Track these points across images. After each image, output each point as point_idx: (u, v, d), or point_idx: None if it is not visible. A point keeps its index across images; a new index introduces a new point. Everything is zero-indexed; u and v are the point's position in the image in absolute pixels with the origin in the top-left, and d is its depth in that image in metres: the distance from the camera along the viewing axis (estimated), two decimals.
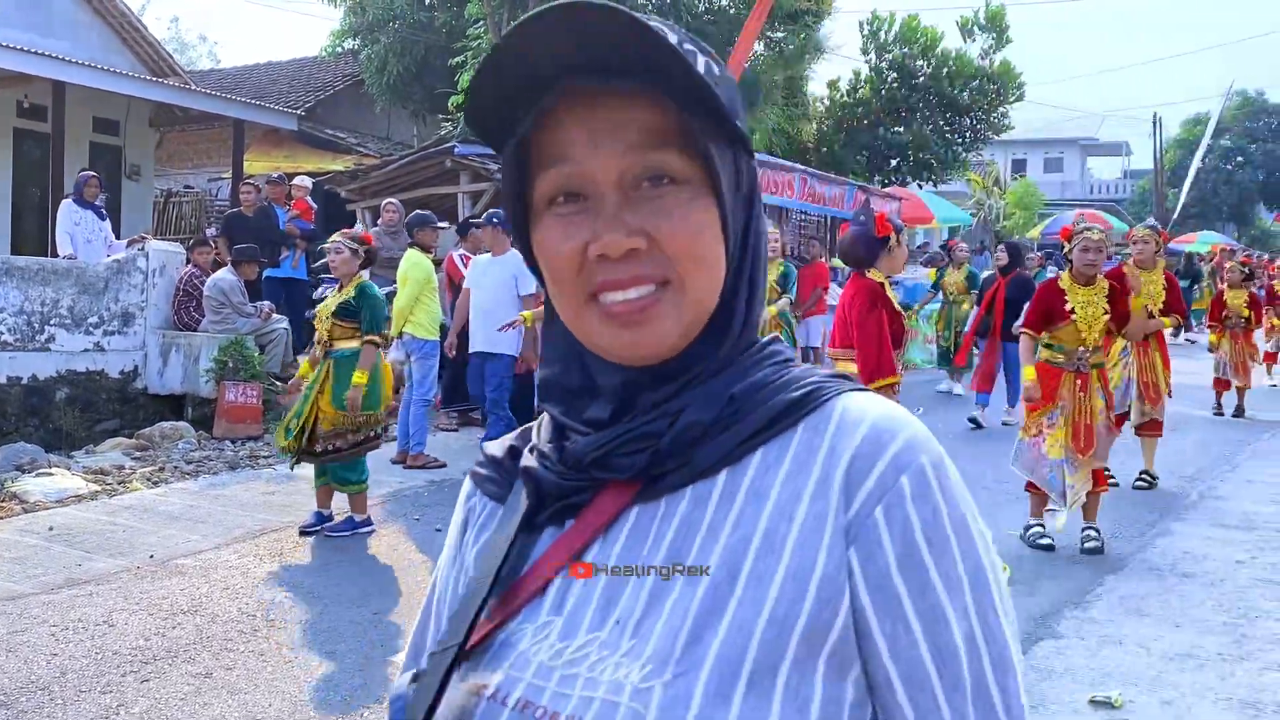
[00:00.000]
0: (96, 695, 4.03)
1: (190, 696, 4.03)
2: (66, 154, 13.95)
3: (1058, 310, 6.01)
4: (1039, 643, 4.68)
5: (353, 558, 6.00)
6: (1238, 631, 4.85)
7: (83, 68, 13.46)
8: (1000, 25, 22.35)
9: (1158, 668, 4.41)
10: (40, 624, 4.77)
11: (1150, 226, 8.20)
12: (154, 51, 17.98)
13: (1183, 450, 9.15)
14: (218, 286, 9.98)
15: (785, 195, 13.70)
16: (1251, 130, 46.91)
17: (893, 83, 22.30)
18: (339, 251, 6.34)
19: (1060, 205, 40.45)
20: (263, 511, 6.90)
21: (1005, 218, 33.69)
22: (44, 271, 9.35)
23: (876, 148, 22.08)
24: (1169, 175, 41.53)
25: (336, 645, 4.59)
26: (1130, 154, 59.01)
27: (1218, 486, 7.99)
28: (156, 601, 5.11)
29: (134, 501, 7.16)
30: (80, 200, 11.00)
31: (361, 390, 6.17)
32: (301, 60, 24.09)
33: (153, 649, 4.50)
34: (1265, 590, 5.47)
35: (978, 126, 22.65)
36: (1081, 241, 6.03)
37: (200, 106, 15.41)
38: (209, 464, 8.28)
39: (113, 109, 16.21)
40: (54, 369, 9.26)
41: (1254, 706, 4.03)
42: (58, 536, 6.21)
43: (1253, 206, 48.29)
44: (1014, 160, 48.58)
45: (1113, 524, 6.72)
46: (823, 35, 21.75)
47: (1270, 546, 6.30)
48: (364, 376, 6.19)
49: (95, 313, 9.64)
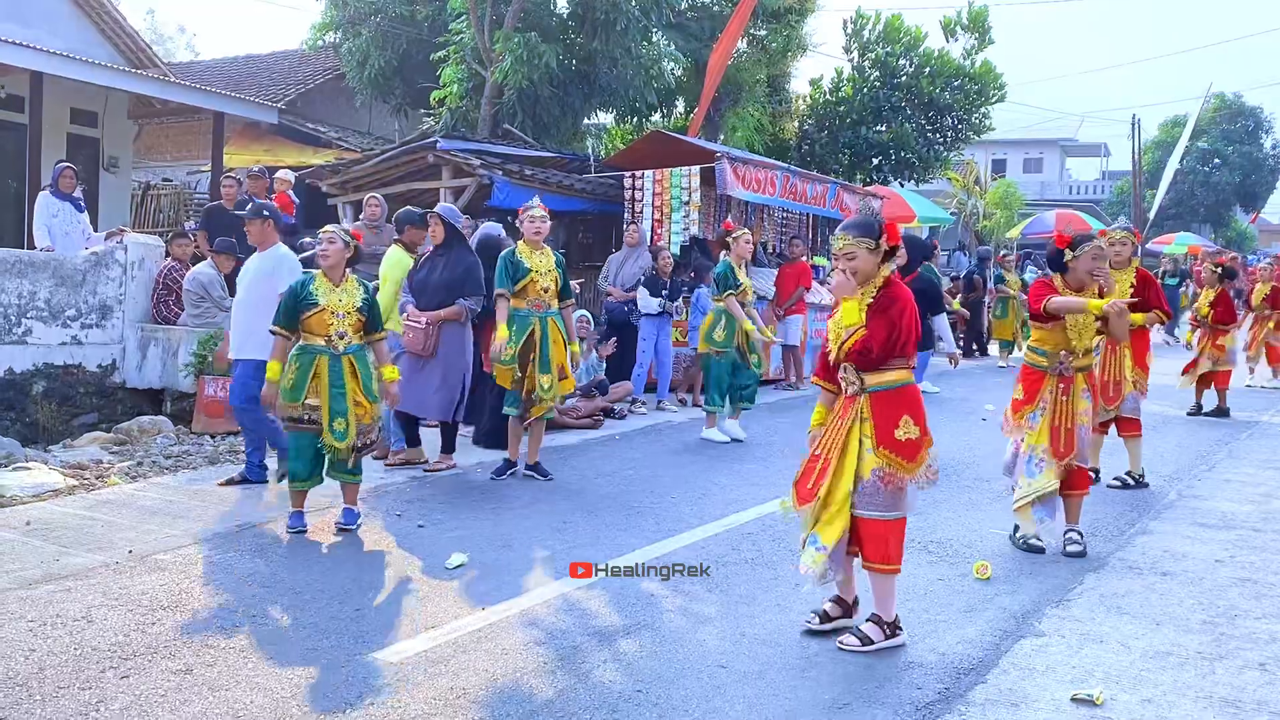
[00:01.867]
0: (76, 691, 3.99)
1: (171, 693, 4.00)
2: (44, 145, 13.83)
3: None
4: (1020, 640, 4.70)
5: (334, 554, 5.97)
6: (1217, 630, 4.88)
7: (60, 58, 13.34)
8: (983, 26, 22.44)
9: (1139, 666, 4.43)
10: (17, 619, 4.72)
11: (1126, 228, 8.25)
12: (133, 42, 17.86)
13: (1161, 450, 9.22)
14: (197, 280, 9.91)
15: (767, 193, 13.69)
16: (1229, 132, 47.27)
17: (875, 82, 22.36)
18: (332, 241, 6.27)
19: (1039, 205, 40.66)
20: (243, 507, 6.85)
21: (985, 217, 33.85)
22: (21, 264, 9.25)
23: (858, 146, 22.13)
24: (1147, 176, 41.83)
25: (319, 641, 4.57)
26: (1109, 155, 59.43)
27: (1196, 486, 8.05)
28: (136, 597, 5.06)
29: (112, 496, 7.10)
30: (58, 192, 10.90)
31: (397, 383, 6.56)
32: (282, 53, 23.98)
33: (132, 645, 4.46)
34: (1244, 589, 5.51)
35: (959, 126, 22.75)
36: (1092, 249, 6.02)
37: (180, 98, 15.31)
38: (188, 459, 8.22)
39: (91, 100, 16.09)
40: (31, 362, 9.17)
41: (1234, 705, 4.06)
42: (35, 531, 6.15)
43: (1229, 208, 48.68)
44: (994, 160, 48.82)
45: (1092, 523, 6.75)
46: (806, 33, 21.84)
47: (1248, 546, 6.35)
48: (396, 372, 6.59)
49: (73, 306, 9.55)
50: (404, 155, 13.79)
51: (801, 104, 23.45)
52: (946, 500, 7.35)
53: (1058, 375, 6.07)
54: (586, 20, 16.45)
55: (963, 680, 4.26)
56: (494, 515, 6.77)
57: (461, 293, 7.75)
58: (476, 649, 4.52)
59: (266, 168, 13.40)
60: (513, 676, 4.24)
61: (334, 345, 6.17)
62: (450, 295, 7.73)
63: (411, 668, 4.31)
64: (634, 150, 14.88)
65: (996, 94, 22.66)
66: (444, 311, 7.69)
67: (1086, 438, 6.16)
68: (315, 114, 20.62)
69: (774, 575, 5.60)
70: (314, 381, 6.14)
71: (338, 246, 6.26)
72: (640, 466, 8.41)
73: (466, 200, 12.94)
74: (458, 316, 7.75)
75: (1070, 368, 6.06)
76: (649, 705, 3.97)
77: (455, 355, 7.79)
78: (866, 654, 4.49)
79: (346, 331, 6.20)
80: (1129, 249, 7.95)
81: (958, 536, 6.45)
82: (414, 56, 18.27)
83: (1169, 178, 37.64)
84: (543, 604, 5.12)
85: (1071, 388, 6.07)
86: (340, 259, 6.28)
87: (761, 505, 7.07)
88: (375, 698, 4.01)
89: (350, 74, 18.77)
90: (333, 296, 6.21)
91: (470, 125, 16.48)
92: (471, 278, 7.83)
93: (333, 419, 6.13)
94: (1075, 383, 6.08)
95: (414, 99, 19.11)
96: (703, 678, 4.24)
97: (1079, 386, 6.09)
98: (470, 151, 13.29)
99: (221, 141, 16.06)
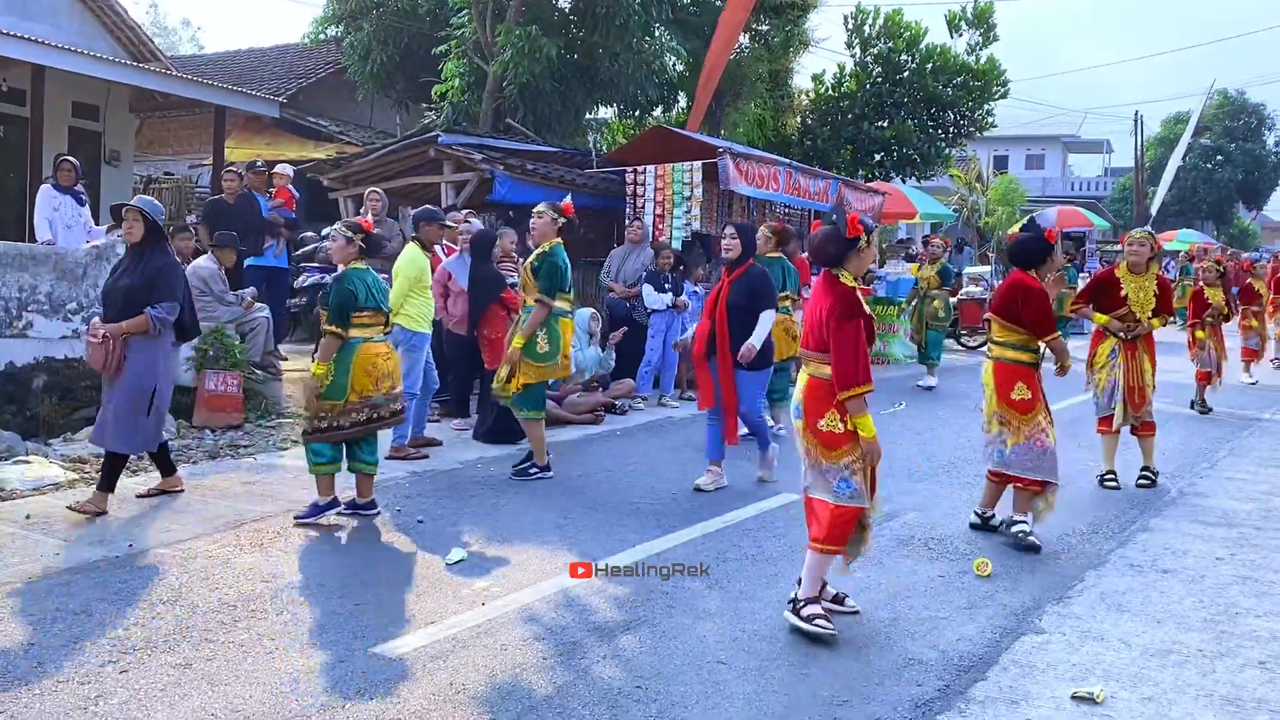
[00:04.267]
0: (75, 686, 3.99)
1: (170, 687, 3.99)
2: (45, 139, 13.81)
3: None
4: (1021, 638, 4.70)
5: (334, 548, 5.96)
6: (1218, 628, 4.88)
7: (62, 51, 13.30)
8: (987, 22, 22.40)
9: (1139, 663, 4.43)
10: (17, 613, 4.72)
11: (1147, 231, 8.24)
12: (135, 36, 17.81)
13: (1163, 447, 9.18)
14: (198, 274, 9.89)
15: (770, 189, 13.65)
16: (1231, 129, 47.22)
17: (877, 77, 22.34)
18: (334, 240, 6.54)
19: (1041, 202, 40.60)
20: (243, 501, 6.85)
21: (987, 214, 33.78)
22: (22, 257, 9.23)
23: (860, 142, 22.10)
24: (1149, 173, 41.77)
25: (318, 636, 4.56)
26: (1111, 152, 59.42)
27: (1197, 483, 8.04)
28: (135, 591, 5.06)
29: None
30: (59, 185, 10.88)
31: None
32: (284, 47, 23.94)
33: (132, 639, 4.46)
34: (1244, 587, 5.50)
35: (961, 122, 22.72)
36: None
37: (181, 92, 15.26)
38: (188, 453, 8.21)
39: (92, 94, 16.05)
40: (31, 356, 9.15)
41: (1234, 703, 4.05)
42: (35, 525, 6.15)
43: (1232, 205, 48.64)
44: (996, 156, 48.80)
45: (1092, 521, 6.76)
46: (808, 28, 21.80)
47: (1249, 543, 6.34)
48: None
49: (74, 299, 9.53)
50: (405, 150, 13.76)
51: (804, 99, 23.42)
52: (946, 496, 7.35)
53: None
54: (588, 14, 16.41)
55: (963, 677, 4.26)
56: (494, 511, 6.76)
57: (149, 300, 6.47)
58: (476, 644, 4.51)
59: (267, 162, 13.39)
60: (512, 672, 4.23)
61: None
62: (135, 304, 6.46)
63: (411, 663, 4.30)
64: (636, 145, 14.85)
65: (999, 90, 22.63)
66: (126, 324, 6.42)
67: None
68: (317, 108, 20.60)
69: (774, 572, 5.59)
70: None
71: (339, 244, 6.51)
72: (641, 462, 8.40)
73: (468, 195, 12.92)
74: (142, 328, 6.44)
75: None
76: (648, 701, 3.97)
77: (143, 375, 6.51)
78: (873, 652, 4.49)
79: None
80: (1146, 251, 7.93)
81: (958, 533, 6.44)
82: (416, 50, 18.23)
83: (1171, 174, 37.60)
84: (542, 600, 5.11)
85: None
86: (343, 255, 6.53)
87: (761, 501, 7.06)
88: (374, 693, 4.01)
89: (352, 68, 18.74)
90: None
91: (472, 120, 16.45)
92: (162, 283, 6.56)
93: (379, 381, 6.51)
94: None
95: (415, 93, 19.08)
96: (702, 674, 4.24)
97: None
98: (472, 146, 13.26)
99: (223, 135, 16.02)
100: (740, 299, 7.26)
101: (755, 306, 7.28)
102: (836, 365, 4.60)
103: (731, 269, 7.39)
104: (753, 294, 7.30)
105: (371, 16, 18.40)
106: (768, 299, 7.37)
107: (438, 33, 17.34)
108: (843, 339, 4.58)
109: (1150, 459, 7.96)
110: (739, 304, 7.25)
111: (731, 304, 7.25)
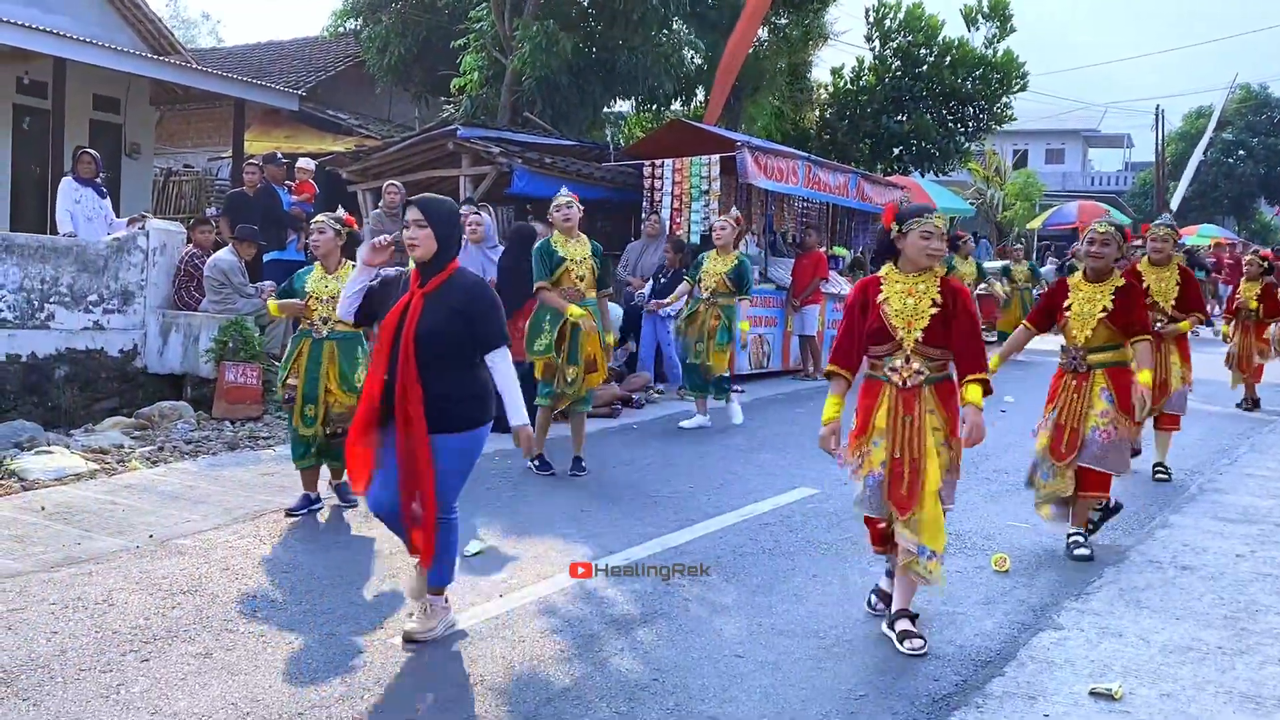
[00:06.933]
0: (96, 674, 4.02)
1: (190, 676, 4.02)
2: (67, 131, 13.90)
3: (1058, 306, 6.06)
4: (1039, 634, 4.68)
5: (350, 540, 5.99)
6: (1238, 625, 4.85)
7: (83, 44, 13.38)
8: (1004, 14, 22.27)
9: (1158, 660, 4.41)
10: (39, 602, 4.76)
11: (1169, 225, 8.16)
12: (155, 29, 17.89)
13: (1183, 443, 9.13)
14: (217, 266, 9.96)
15: (789, 183, 13.62)
16: (1253, 124, 46.80)
17: (896, 71, 22.22)
18: (323, 231, 6.46)
19: (1061, 196, 40.37)
20: (262, 492, 6.89)
21: (1005, 208, 33.64)
22: (44, 249, 9.31)
23: (879, 136, 22.01)
24: (1170, 168, 41.46)
25: (336, 626, 4.59)
26: (1132, 146, 58.91)
27: (1217, 480, 7.99)
28: (156, 581, 5.10)
29: (133, 481, 7.14)
30: (80, 178, 10.95)
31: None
32: (303, 40, 24.03)
33: (152, 628, 4.49)
34: (1265, 584, 5.47)
35: (980, 116, 22.60)
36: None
37: (201, 85, 15.33)
38: (208, 444, 8.26)
39: (113, 87, 16.15)
40: (53, 347, 9.23)
41: (1254, 700, 4.03)
42: (56, 515, 6.20)
43: (1253, 200, 48.23)
44: (1015, 151, 48.51)
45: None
46: (827, 22, 21.72)
47: (1270, 540, 6.30)
48: None
49: (95, 291, 9.61)
50: (424, 142, 13.79)
51: (823, 93, 23.34)
52: (964, 492, 7.31)
53: (1072, 372, 5.98)
54: (605, 8, 16.40)
55: (980, 673, 4.25)
56: (512, 503, 6.78)
57: None
58: (494, 636, 4.53)
59: (286, 155, 13.43)
60: (530, 664, 4.25)
61: (317, 330, 6.41)
62: None
63: (429, 654, 4.32)
64: (654, 139, 14.84)
65: (1018, 84, 22.49)
66: None
67: (1101, 440, 5.78)
68: (336, 101, 20.66)
69: (791, 566, 5.59)
70: (296, 362, 6.41)
71: (327, 236, 6.46)
72: (657, 456, 8.40)
73: (486, 188, 12.94)
74: None
75: (1084, 364, 5.94)
76: (666, 693, 3.97)
77: None
78: (890, 646, 4.49)
79: (330, 317, 6.30)
80: (1169, 245, 7.87)
81: (976, 529, 6.42)
82: (434, 43, 18.26)
83: (1192, 169, 37.32)
84: (560, 592, 5.12)
85: (1086, 386, 5.87)
86: (330, 248, 6.47)
87: (778, 496, 7.06)
88: (393, 684, 4.03)
89: (370, 61, 18.78)
90: (320, 284, 6.44)
91: (490, 113, 16.47)
92: None
93: (304, 404, 6.34)
94: (1092, 381, 5.86)
95: (434, 86, 19.11)
96: (719, 667, 4.24)
97: (1096, 386, 5.85)
98: (490, 139, 13.28)
99: (242, 128, 16.09)
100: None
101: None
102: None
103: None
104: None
105: (390, 9, 18.45)
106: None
107: (456, 26, 17.37)
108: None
109: (1164, 454, 7.90)
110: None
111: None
